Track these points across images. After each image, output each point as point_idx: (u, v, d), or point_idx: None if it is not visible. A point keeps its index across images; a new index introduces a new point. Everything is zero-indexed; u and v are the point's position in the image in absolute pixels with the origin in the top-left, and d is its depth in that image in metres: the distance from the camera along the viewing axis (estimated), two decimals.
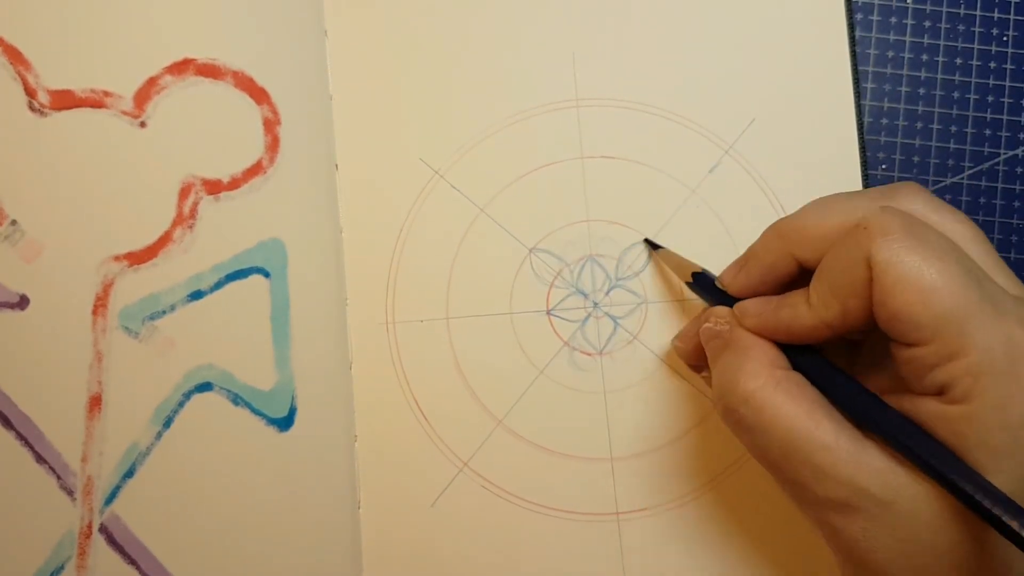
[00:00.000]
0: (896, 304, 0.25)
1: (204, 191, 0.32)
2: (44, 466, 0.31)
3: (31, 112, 0.31)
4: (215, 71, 0.32)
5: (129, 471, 0.32)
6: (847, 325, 0.27)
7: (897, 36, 0.36)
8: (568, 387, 0.35)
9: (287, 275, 0.33)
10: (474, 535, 0.34)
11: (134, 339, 0.32)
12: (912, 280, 0.24)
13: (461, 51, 0.35)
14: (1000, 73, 0.36)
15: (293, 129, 0.34)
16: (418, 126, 0.35)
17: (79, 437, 0.31)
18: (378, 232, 0.35)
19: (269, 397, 0.33)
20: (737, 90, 0.35)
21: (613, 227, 0.35)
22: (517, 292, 0.35)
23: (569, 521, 0.34)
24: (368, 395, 0.35)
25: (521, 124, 0.35)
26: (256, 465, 0.32)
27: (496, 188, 0.35)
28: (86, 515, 0.31)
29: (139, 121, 0.32)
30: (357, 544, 0.34)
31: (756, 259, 0.30)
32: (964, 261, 0.25)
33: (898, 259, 0.25)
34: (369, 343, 0.35)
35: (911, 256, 0.25)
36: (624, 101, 0.35)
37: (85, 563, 0.31)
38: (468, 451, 0.34)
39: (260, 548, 0.32)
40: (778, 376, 0.27)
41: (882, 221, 0.25)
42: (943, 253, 0.25)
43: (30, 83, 0.31)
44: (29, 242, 0.31)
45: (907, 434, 0.25)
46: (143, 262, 0.32)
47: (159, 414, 0.32)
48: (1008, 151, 0.36)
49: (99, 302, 0.32)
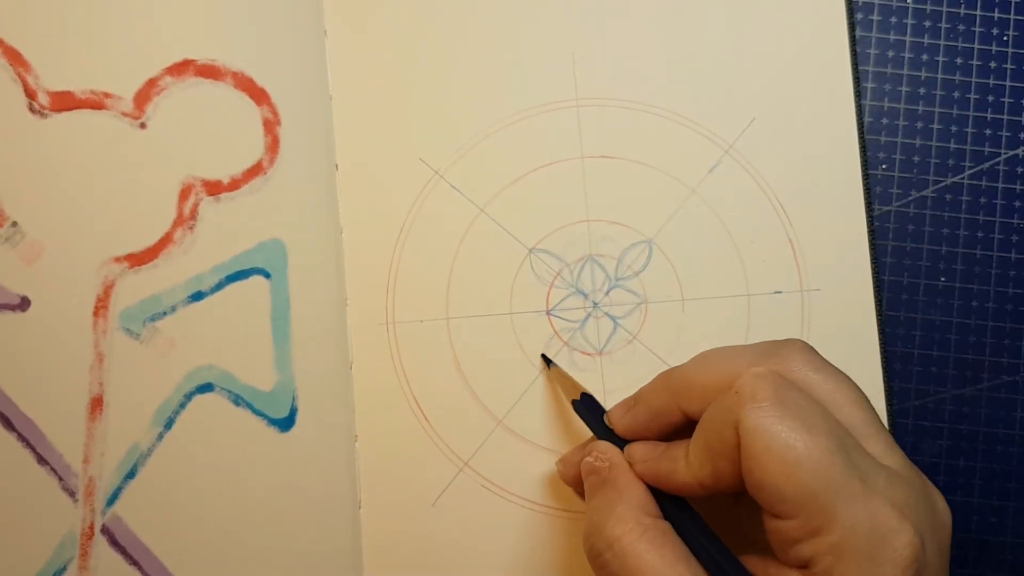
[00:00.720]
0: (761, 475, 0.24)
1: (204, 192, 0.32)
2: (46, 467, 0.31)
3: (31, 114, 0.31)
4: (215, 72, 0.32)
5: (130, 472, 0.32)
6: (720, 486, 0.26)
7: (897, 36, 0.36)
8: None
9: (287, 276, 0.33)
10: (474, 535, 0.34)
11: (135, 340, 0.32)
12: (777, 452, 0.24)
13: (461, 51, 0.35)
14: (1000, 73, 0.36)
15: (293, 129, 0.34)
16: (418, 126, 0.35)
17: (80, 438, 0.31)
18: (378, 232, 0.35)
19: (270, 398, 0.33)
20: (737, 90, 0.35)
21: (613, 227, 0.35)
22: (517, 292, 0.35)
23: (569, 520, 0.34)
24: (368, 395, 0.35)
25: (521, 124, 0.35)
26: (257, 466, 0.32)
27: (496, 188, 0.35)
28: (88, 516, 0.31)
29: (139, 122, 0.32)
30: (357, 544, 0.34)
31: (644, 404, 0.30)
32: (835, 432, 0.25)
33: (764, 428, 0.24)
34: (369, 343, 0.35)
35: (778, 426, 0.24)
36: (624, 101, 0.35)
37: (87, 564, 0.31)
38: (468, 451, 0.35)
39: (261, 548, 0.32)
40: (646, 524, 0.27)
41: (753, 386, 0.25)
42: (812, 424, 0.25)
43: (30, 84, 0.31)
44: (30, 244, 0.31)
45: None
46: (144, 263, 0.32)
47: (160, 415, 0.32)
48: (1008, 151, 0.36)
49: (100, 303, 0.32)
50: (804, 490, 0.24)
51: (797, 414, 0.25)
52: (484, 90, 0.35)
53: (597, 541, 0.27)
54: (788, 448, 0.24)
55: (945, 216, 0.36)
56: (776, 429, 0.24)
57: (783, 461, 0.24)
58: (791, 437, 0.24)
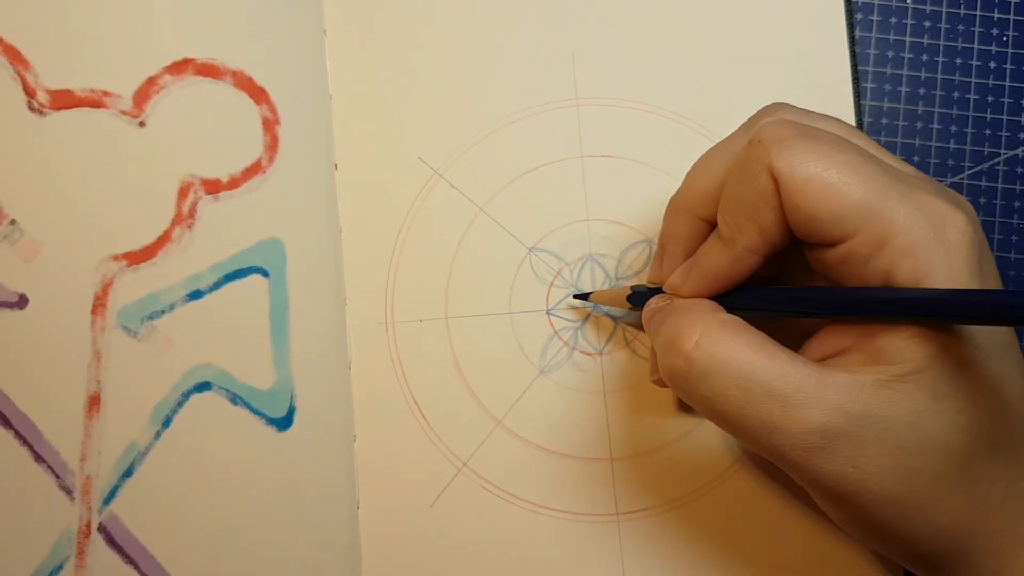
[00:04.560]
0: (811, 204, 0.24)
1: (203, 191, 0.32)
2: (43, 465, 0.31)
3: (30, 112, 0.31)
4: (214, 71, 0.32)
5: (128, 470, 0.32)
6: (767, 245, 0.26)
7: (897, 36, 0.36)
8: (568, 387, 0.35)
9: (286, 275, 0.33)
10: (473, 535, 0.34)
11: (133, 339, 0.32)
12: (819, 178, 0.24)
13: (460, 50, 0.35)
14: (1000, 73, 0.36)
15: (292, 129, 0.34)
16: (417, 125, 0.35)
17: (78, 436, 0.31)
18: (377, 232, 0.35)
19: (268, 397, 0.33)
20: (737, 90, 0.35)
21: (613, 226, 0.35)
22: (517, 292, 0.35)
23: (569, 521, 0.34)
24: (367, 395, 0.34)
25: (521, 123, 0.35)
26: (255, 465, 0.32)
27: (496, 187, 0.35)
28: (85, 514, 0.31)
29: (138, 121, 0.32)
30: (356, 544, 0.34)
31: (669, 241, 0.30)
32: (860, 150, 0.25)
33: (799, 162, 0.24)
34: (368, 343, 0.35)
35: (812, 156, 0.24)
36: (624, 101, 0.35)
37: (84, 562, 0.31)
38: (467, 451, 0.34)
39: (259, 548, 0.32)
40: (723, 318, 0.26)
41: (774, 131, 0.25)
42: (840, 146, 0.25)
43: (29, 83, 0.31)
44: (28, 241, 0.31)
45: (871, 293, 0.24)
46: (142, 262, 0.32)
47: (158, 413, 0.32)
48: (1008, 151, 0.36)
49: (98, 301, 0.32)
50: (857, 203, 0.24)
51: (824, 141, 0.25)
52: (484, 89, 0.35)
53: (677, 354, 0.26)
54: (828, 172, 0.24)
55: None
56: (811, 157, 0.24)
57: (828, 185, 0.24)
58: (827, 161, 0.24)
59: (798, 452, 0.24)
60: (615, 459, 0.34)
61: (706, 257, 0.28)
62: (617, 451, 0.34)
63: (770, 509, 0.34)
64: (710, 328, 0.26)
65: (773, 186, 0.25)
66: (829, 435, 0.24)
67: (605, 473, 0.34)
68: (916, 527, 0.25)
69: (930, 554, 0.25)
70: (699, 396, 0.26)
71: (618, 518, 0.34)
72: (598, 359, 0.35)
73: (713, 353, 0.25)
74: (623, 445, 0.34)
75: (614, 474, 0.34)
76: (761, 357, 0.25)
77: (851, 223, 0.24)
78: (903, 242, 0.24)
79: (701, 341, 0.25)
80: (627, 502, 0.34)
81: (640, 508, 0.34)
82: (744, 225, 0.26)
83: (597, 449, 0.34)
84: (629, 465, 0.34)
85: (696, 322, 0.26)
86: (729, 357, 0.25)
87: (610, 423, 0.35)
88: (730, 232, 0.26)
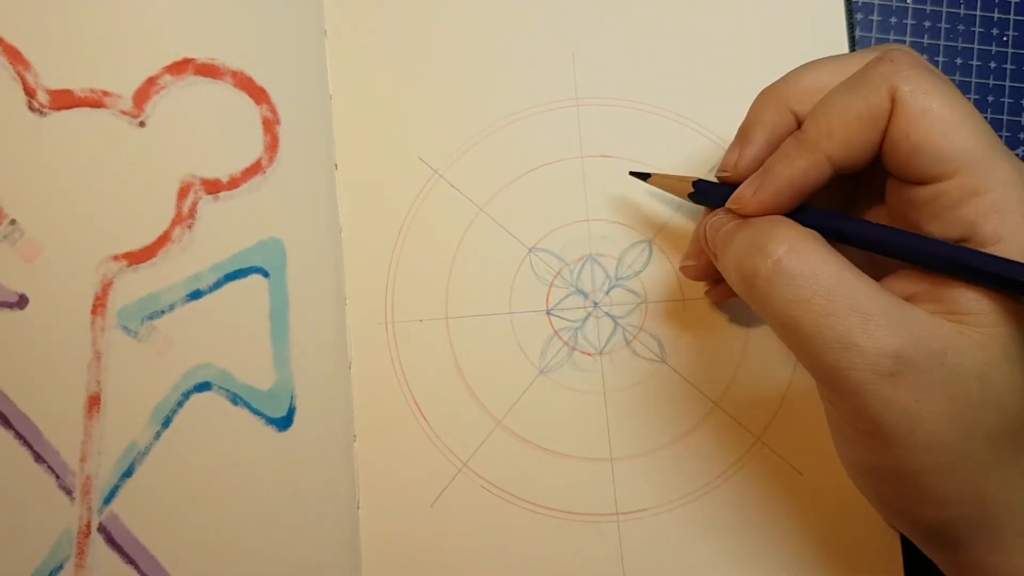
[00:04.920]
0: (920, 136, 0.24)
1: (203, 191, 0.32)
2: (43, 465, 0.31)
3: (30, 112, 0.31)
4: (214, 71, 0.32)
5: (128, 470, 0.32)
6: (849, 159, 0.26)
7: (897, 36, 0.36)
8: (568, 387, 0.35)
9: (286, 275, 0.33)
10: (473, 535, 0.34)
11: (133, 339, 0.32)
12: (937, 112, 0.24)
13: (460, 50, 0.35)
14: (1000, 73, 0.36)
15: (292, 129, 0.34)
16: (417, 125, 0.35)
17: (78, 436, 0.31)
18: (377, 232, 0.35)
19: (268, 397, 0.33)
20: (737, 90, 0.35)
21: (613, 226, 0.35)
22: (517, 292, 0.35)
23: (569, 521, 0.34)
24: (367, 395, 0.34)
25: (521, 123, 0.35)
26: (255, 465, 0.32)
27: (496, 187, 0.35)
28: (85, 514, 0.31)
29: (138, 121, 0.32)
30: (356, 544, 0.34)
31: (753, 128, 0.28)
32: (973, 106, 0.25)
33: (924, 91, 0.24)
34: (368, 343, 0.35)
35: (937, 90, 0.24)
36: (624, 101, 0.35)
37: (84, 562, 0.31)
38: (467, 451, 0.34)
39: (259, 548, 0.32)
40: (812, 232, 0.26)
41: (906, 56, 0.25)
42: (959, 95, 0.25)
43: (29, 83, 0.31)
44: (28, 242, 0.31)
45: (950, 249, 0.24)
46: (142, 262, 0.32)
47: (158, 413, 0.32)
48: None
49: (98, 301, 0.32)
50: (963, 148, 0.24)
51: (949, 83, 0.25)
52: (484, 89, 0.35)
53: (764, 259, 0.25)
54: (949, 110, 0.24)
55: None
56: (936, 92, 0.24)
57: (943, 121, 0.24)
58: (950, 100, 0.24)
59: (868, 374, 0.24)
60: (615, 459, 0.34)
61: (779, 163, 0.27)
62: (617, 451, 0.34)
63: (770, 509, 0.34)
64: (803, 237, 0.25)
65: (888, 105, 0.25)
66: (902, 362, 0.24)
67: (605, 473, 0.34)
68: (959, 485, 0.24)
69: (959, 521, 0.25)
70: (779, 300, 0.25)
71: (618, 518, 0.34)
72: (598, 359, 0.35)
73: (805, 259, 0.25)
74: (623, 445, 0.34)
75: (614, 474, 0.34)
76: (851, 274, 0.25)
77: (953, 165, 0.24)
78: (995, 197, 0.24)
79: (795, 247, 0.25)
80: (627, 502, 0.34)
81: (640, 508, 0.34)
82: (837, 132, 0.26)
83: (597, 449, 0.34)
84: (629, 465, 0.34)
85: (787, 231, 0.26)
86: (820, 266, 0.25)
87: (610, 423, 0.35)
88: (818, 135, 0.26)
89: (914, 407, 0.24)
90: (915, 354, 0.24)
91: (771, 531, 0.34)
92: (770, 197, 0.27)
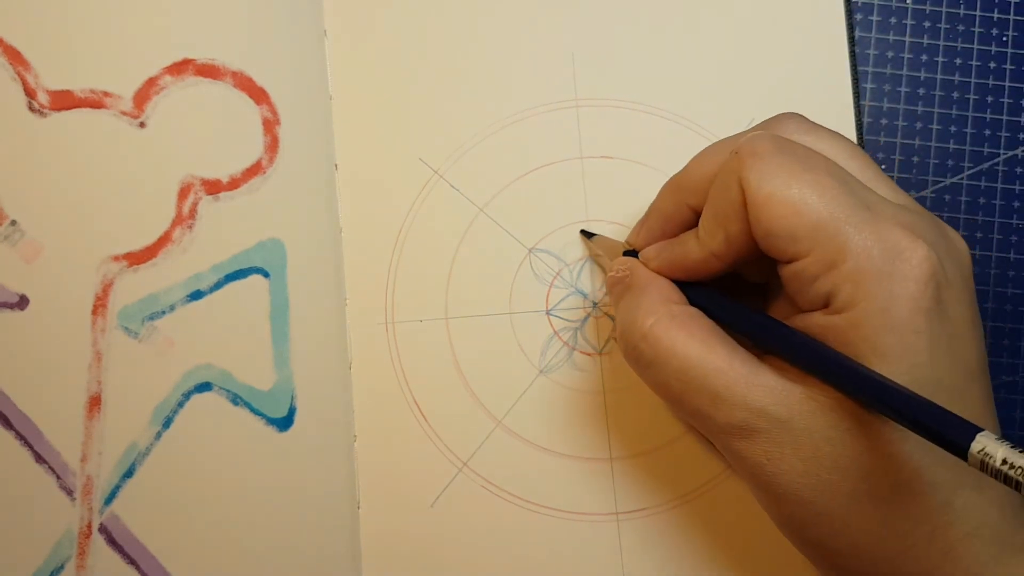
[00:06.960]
0: (769, 220, 0.25)
1: (203, 191, 0.32)
2: (43, 466, 0.31)
3: (31, 112, 0.31)
4: (214, 71, 0.32)
5: (128, 471, 0.32)
6: (732, 253, 0.27)
7: (897, 36, 0.36)
8: (568, 387, 0.35)
9: (286, 275, 0.33)
10: (474, 535, 0.34)
11: (133, 339, 0.32)
12: (781, 194, 0.25)
13: (461, 51, 0.35)
14: (1000, 73, 0.36)
15: (292, 129, 0.34)
16: (418, 126, 0.35)
17: (78, 437, 0.31)
18: (377, 232, 0.35)
19: (268, 397, 0.33)
20: (737, 90, 0.35)
21: (613, 227, 0.35)
22: (516, 292, 0.35)
23: (569, 521, 0.34)
24: (367, 395, 0.35)
25: (521, 124, 0.35)
26: (255, 465, 0.32)
27: (496, 188, 0.35)
28: (85, 515, 0.31)
29: (138, 121, 0.32)
30: (357, 544, 0.34)
31: (655, 212, 0.31)
32: (836, 172, 0.25)
33: (767, 176, 0.25)
34: (368, 343, 0.35)
35: (780, 172, 0.25)
36: (624, 101, 0.35)
37: (84, 563, 0.31)
38: (467, 451, 0.34)
39: (259, 548, 0.32)
40: (674, 311, 0.27)
41: (751, 145, 0.26)
42: (812, 166, 0.25)
43: (30, 83, 0.31)
44: (29, 242, 0.31)
45: (800, 345, 0.25)
46: (142, 262, 0.32)
47: (158, 414, 0.32)
48: (1008, 151, 0.36)
49: (98, 302, 0.32)
50: (812, 224, 0.24)
51: (796, 159, 0.25)
52: (484, 90, 0.35)
53: (631, 336, 0.28)
54: (791, 188, 0.25)
55: (944, 216, 0.36)
56: (778, 174, 0.25)
57: (788, 201, 0.24)
58: (793, 180, 0.25)
59: (723, 437, 0.26)
60: (615, 459, 0.34)
61: (682, 246, 0.29)
62: (617, 451, 0.34)
63: None
64: (661, 319, 0.27)
65: (741, 198, 0.25)
66: (749, 430, 0.25)
67: (605, 473, 0.34)
68: (832, 537, 0.26)
69: (851, 571, 0.26)
70: (647, 376, 0.28)
71: (618, 518, 0.34)
72: (598, 359, 0.35)
73: (659, 344, 0.27)
74: (623, 445, 0.35)
75: (614, 474, 0.34)
76: (700, 352, 0.26)
77: (805, 243, 0.24)
78: (849, 268, 0.24)
79: (651, 331, 0.27)
80: (627, 502, 0.34)
81: (640, 508, 0.34)
82: (715, 232, 0.27)
83: (597, 449, 0.34)
84: (629, 465, 0.34)
85: (650, 310, 0.27)
86: (672, 351, 0.27)
87: (610, 423, 0.35)
88: (704, 233, 0.27)
89: (767, 464, 0.26)
90: (760, 422, 0.25)
91: (771, 530, 0.34)
92: (665, 269, 0.29)
